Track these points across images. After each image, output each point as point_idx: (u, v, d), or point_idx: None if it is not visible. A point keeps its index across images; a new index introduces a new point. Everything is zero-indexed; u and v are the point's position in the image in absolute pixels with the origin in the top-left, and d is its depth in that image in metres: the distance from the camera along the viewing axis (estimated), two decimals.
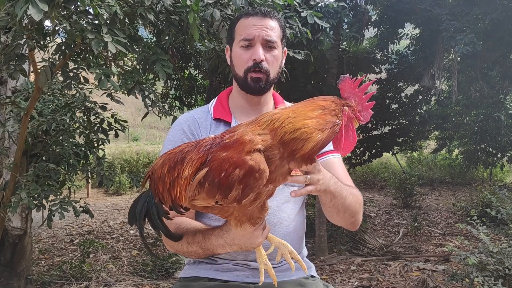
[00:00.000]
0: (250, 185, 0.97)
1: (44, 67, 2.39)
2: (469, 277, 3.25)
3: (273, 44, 1.42)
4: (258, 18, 1.42)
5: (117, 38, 2.06)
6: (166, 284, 4.21)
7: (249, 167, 0.96)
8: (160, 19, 2.56)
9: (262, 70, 1.41)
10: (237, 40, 1.44)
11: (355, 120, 1.11)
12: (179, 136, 1.46)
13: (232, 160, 0.98)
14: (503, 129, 8.80)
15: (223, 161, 0.99)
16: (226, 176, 0.97)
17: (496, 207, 4.18)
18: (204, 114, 1.51)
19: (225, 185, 0.98)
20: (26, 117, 2.95)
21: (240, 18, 1.47)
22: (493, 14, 5.31)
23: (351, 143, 1.11)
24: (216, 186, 0.99)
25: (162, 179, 1.09)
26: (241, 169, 0.96)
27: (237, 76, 1.46)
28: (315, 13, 3.50)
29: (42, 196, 2.89)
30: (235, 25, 1.47)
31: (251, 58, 1.40)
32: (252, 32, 1.40)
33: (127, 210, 7.93)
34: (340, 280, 4.43)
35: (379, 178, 11.93)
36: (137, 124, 18.54)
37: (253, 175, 0.96)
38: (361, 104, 1.11)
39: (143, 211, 1.15)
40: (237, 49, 1.43)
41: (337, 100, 1.09)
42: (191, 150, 1.07)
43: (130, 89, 2.62)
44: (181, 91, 7.69)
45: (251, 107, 1.50)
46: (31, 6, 1.67)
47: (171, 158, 1.10)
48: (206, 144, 1.06)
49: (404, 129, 8.28)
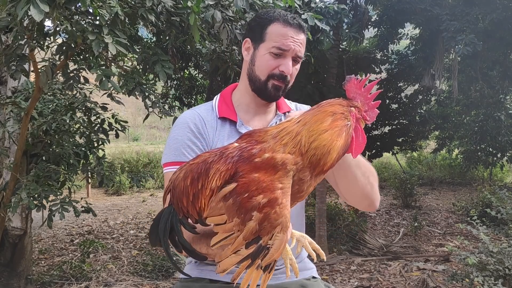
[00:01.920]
0: (268, 218, 0.95)
1: (45, 67, 2.39)
2: (469, 277, 3.25)
3: (299, 60, 1.44)
4: (295, 31, 1.41)
5: (117, 39, 2.06)
6: (166, 284, 4.21)
7: (274, 197, 0.95)
8: (161, 20, 2.56)
9: (285, 82, 1.43)
10: (268, 45, 1.41)
11: (362, 120, 1.11)
12: (186, 134, 1.41)
13: (261, 184, 0.96)
14: (503, 129, 8.80)
15: (252, 182, 0.97)
16: (249, 198, 0.95)
17: (496, 207, 4.18)
18: (209, 112, 1.48)
19: (244, 207, 0.95)
20: (26, 117, 2.95)
21: (275, 21, 1.42)
22: (493, 14, 5.31)
23: (361, 143, 1.11)
24: (237, 205, 0.96)
25: (186, 192, 1.04)
26: (265, 196, 0.95)
27: (257, 78, 1.44)
28: (315, 15, 3.50)
29: (42, 196, 2.89)
30: (268, 26, 1.43)
31: (278, 67, 1.40)
32: (289, 44, 1.39)
33: (127, 210, 7.93)
34: (340, 280, 4.43)
35: (379, 178, 11.91)
36: (137, 124, 18.53)
37: (274, 207, 0.95)
38: (367, 104, 1.11)
39: (167, 229, 1.07)
40: (266, 53, 1.41)
41: (343, 102, 1.09)
42: (216, 160, 1.03)
43: (131, 90, 2.62)
44: (181, 91, 7.70)
45: (257, 107, 1.49)
46: (32, 7, 1.67)
47: (194, 169, 1.05)
48: (233, 155, 1.03)
49: (404, 129, 8.28)
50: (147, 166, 11.17)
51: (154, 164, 11.40)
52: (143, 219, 7.32)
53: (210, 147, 1.40)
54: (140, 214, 7.66)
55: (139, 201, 8.98)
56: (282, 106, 1.55)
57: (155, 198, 9.48)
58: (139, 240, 5.88)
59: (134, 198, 9.41)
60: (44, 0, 1.69)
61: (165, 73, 2.44)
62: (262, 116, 1.50)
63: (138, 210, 8.01)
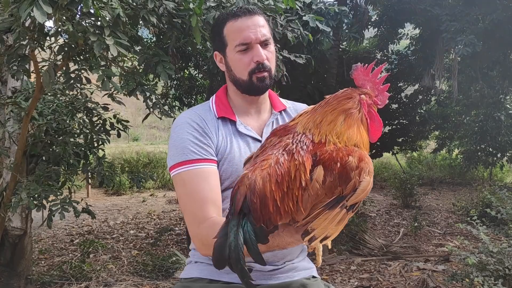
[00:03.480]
0: (364, 169, 1.01)
1: (47, 68, 2.39)
2: (469, 277, 3.25)
3: (268, 41, 1.41)
4: (247, 18, 1.38)
5: (119, 41, 2.06)
6: (166, 284, 4.21)
7: (360, 153, 1.03)
8: (163, 22, 2.56)
9: (266, 69, 1.40)
10: (231, 46, 1.40)
11: (373, 105, 1.14)
12: (190, 132, 1.37)
13: (342, 149, 1.03)
14: (503, 129, 8.81)
15: (333, 153, 1.02)
16: (343, 165, 1.00)
17: (496, 207, 4.17)
18: (206, 111, 1.47)
19: (344, 174, 1.00)
20: (27, 118, 2.95)
21: (226, 22, 1.41)
22: (493, 15, 5.31)
23: (378, 127, 1.13)
24: (337, 177, 1.00)
25: (272, 197, 0.98)
26: (353, 156, 1.01)
27: (240, 80, 1.42)
28: (317, 17, 3.52)
29: (43, 196, 2.89)
30: (223, 30, 1.42)
31: (252, 60, 1.38)
32: (248, 35, 1.37)
33: (127, 210, 7.94)
34: (340, 280, 4.43)
35: (379, 178, 11.92)
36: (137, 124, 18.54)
37: (364, 159, 1.02)
38: (376, 89, 1.14)
39: (239, 244, 0.95)
40: (234, 54, 1.40)
41: (351, 93, 1.11)
42: (288, 159, 1.03)
43: (132, 90, 2.62)
44: (181, 91, 7.71)
45: (250, 105, 1.49)
46: (35, 9, 1.67)
47: (272, 173, 1.01)
48: (297, 147, 1.06)
49: (404, 129, 8.30)
50: (147, 166, 11.16)
51: (154, 164, 11.39)
52: (143, 219, 7.32)
53: (216, 146, 1.38)
54: (140, 214, 7.66)
55: (139, 201, 8.98)
56: (277, 104, 1.54)
57: (155, 198, 9.48)
58: (139, 240, 5.89)
59: (134, 198, 9.41)
60: (47, 2, 1.69)
61: (166, 74, 2.45)
62: (257, 116, 1.50)
63: (138, 210, 8.01)
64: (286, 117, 1.53)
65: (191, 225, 1.32)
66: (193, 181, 1.32)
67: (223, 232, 0.98)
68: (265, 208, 0.98)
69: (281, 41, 3.21)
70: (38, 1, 1.68)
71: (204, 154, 1.35)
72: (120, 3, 2.18)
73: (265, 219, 0.98)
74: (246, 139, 1.43)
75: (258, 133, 1.46)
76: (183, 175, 1.33)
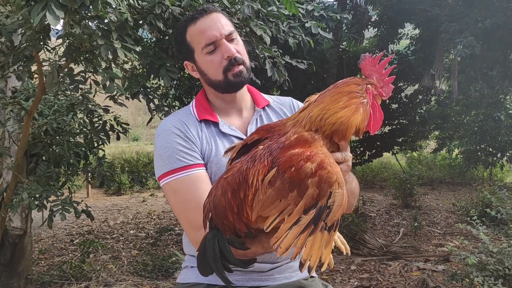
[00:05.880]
0: (324, 179, 0.94)
1: (51, 69, 2.39)
2: (469, 277, 3.26)
3: (233, 35, 1.39)
4: (205, 18, 1.37)
5: (125, 44, 2.06)
6: (166, 284, 4.21)
7: (322, 160, 0.95)
8: (167, 26, 2.56)
9: (239, 62, 1.38)
10: (198, 50, 1.38)
11: (378, 97, 1.13)
12: (173, 139, 1.36)
13: (303, 154, 0.96)
14: (503, 129, 8.82)
15: (293, 156, 0.96)
16: (297, 169, 0.94)
17: (496, 207, 4.18)
18: (188, 115, 1.44)
19: (297, 179, 0.94)
20: (29, 118, 2.95)
21: (186, 27, 1.40)
22: (493, 18, 5.29)
23: (378, 120, 1.12)
24: (288, 181, 0.94)
25: (229, 207, 1.00)
26: (313, 162, 0.95)
27: (216, 81, 1.40)
28: (319, 24, 3.56)
29: (44, 196, 2.89)
30: (185, 37, 1.40)
31: (223, 57, 1.36)
32: (211, 34, 1.35)
33: (127, 210, 7.94)
34: (340, 280, 4.44)
35: (379, 178, 11.93)
36: (137, 124, 18.55)
37: (326, 167, 0.95)
38: (382, 80, 1.13)
39: (216, 255, 1.01)
40: (204, 57, 1.38)
41: (358, 81, 1.11)
42: (250, 166, 1.01)
43: (135, 93, 2.63)
44: (181, 91, 7.70)
45: (229, 105, 1.47)
46: (48, 13, 1.67)
47: (231, 181, 1.02)
48: (264, 153, 1.02)
49: (404, 129, 8.29)
50: (147, 166, 11.16)
51: (154, 164, 11.41)
52: (143, 219, 7.33)
53: (200, 150, 1.37)
54: (140, 214, 7.67)
55: (139, 201, 8.98)
56: (259, 101, 1.52)
57: (155, 198, 9.48)
58: (139, 240, 5.89)
59: (134, 198, 9.41)
60: (58, 6, 1.69)
61: (169, 77, 2.46)
62: (239, 114, 1.48)
63: (138, 210, 8.01)
64: (270, 112, 1.52)
65: (189, 232, 1.35)
66: (182, 189, 1.31)
67: (203, 246, 1.05)
68: (225, 219, 1.01)
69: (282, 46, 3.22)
70: (51, 5, 1.68)
71: (190, 160, 1.33)
72: (128, 8, 2.19)
73: (230, 228, 1.02)
74: (231, 139, 1.41)
75: (242, 131, 1.44)
76: (172, 185, 1.32)
